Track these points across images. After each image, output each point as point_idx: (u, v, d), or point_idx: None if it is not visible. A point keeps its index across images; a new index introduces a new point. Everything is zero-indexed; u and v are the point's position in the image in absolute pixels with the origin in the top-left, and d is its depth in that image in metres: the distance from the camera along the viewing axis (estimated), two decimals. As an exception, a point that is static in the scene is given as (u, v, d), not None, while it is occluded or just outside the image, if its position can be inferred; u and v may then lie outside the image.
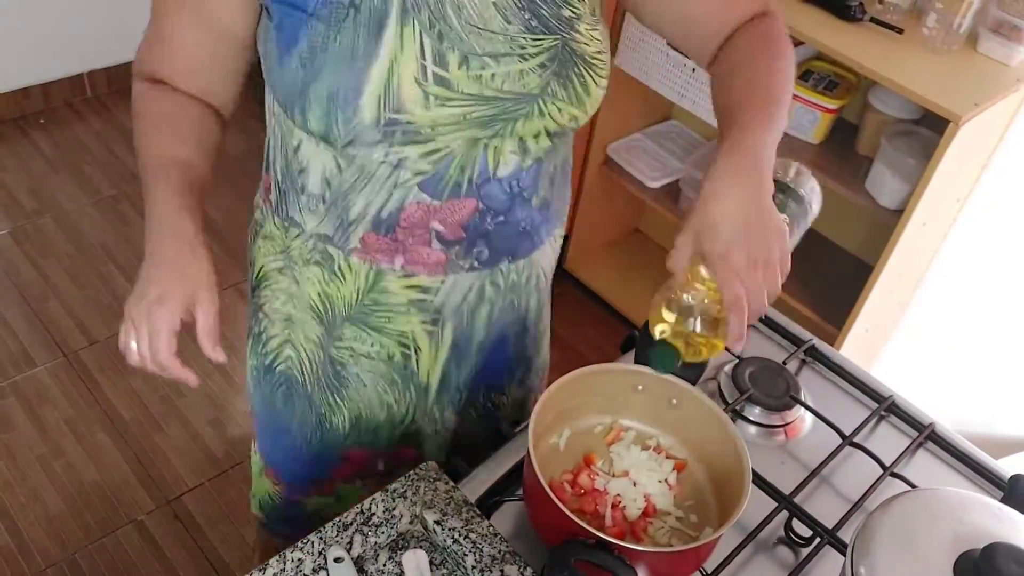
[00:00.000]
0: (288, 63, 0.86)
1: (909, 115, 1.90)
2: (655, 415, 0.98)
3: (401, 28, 0.84)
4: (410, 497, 0.92)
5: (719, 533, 0.83)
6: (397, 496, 0.92)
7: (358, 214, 0.96)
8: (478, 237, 0.98)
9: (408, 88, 0.85)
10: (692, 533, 0.91)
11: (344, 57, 0.84)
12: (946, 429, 1.11)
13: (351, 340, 1.07)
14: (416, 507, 0.92)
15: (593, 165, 2.43)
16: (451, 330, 1.06)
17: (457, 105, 0.87)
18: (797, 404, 1.10)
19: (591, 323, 2.60)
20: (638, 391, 0.96)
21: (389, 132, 0.87)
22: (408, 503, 0.92)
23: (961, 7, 1.74)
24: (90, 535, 1.99)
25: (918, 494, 0.82)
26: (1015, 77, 1.76)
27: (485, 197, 0.95)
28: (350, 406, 1.12)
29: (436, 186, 0.93)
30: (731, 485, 0.89)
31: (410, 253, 0.98)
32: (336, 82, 0.85)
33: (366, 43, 0.84)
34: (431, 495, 0.93)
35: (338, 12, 0.84)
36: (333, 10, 0.84)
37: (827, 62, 2.01)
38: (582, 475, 0.93)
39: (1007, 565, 0.69)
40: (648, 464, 0.95)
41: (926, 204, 1.78)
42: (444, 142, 0.89)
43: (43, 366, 2.31)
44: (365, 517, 0.91)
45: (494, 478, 0.99)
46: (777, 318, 1.23)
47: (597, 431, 0.99)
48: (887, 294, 1.98)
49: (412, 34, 0.84)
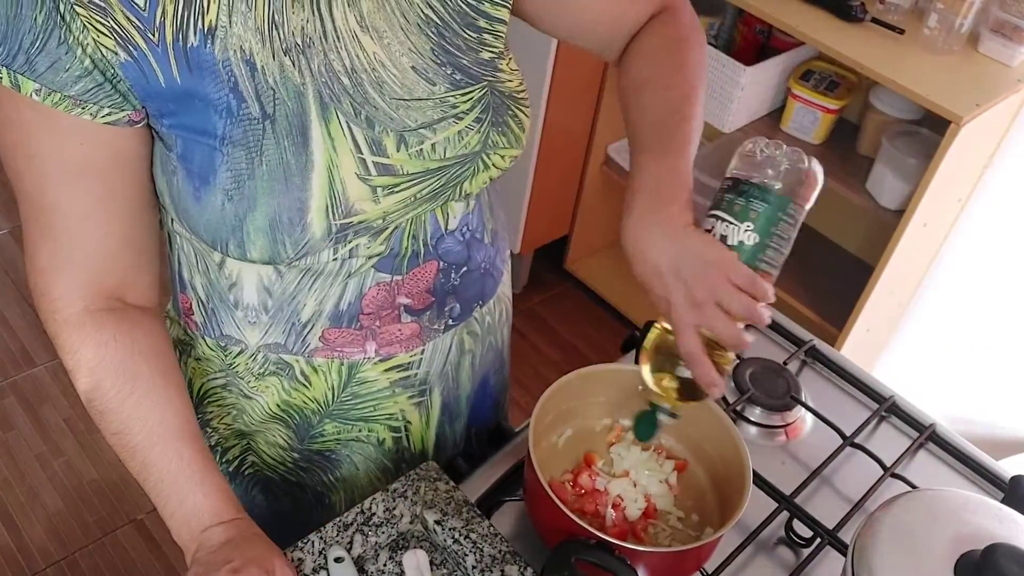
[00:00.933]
0: (208, 200, 0.75)
1: (910, 115, 1.90)
2: None
3: (327, 126, 0.76)
4: (410, 497, 0.92)
5: (720, 533, 0.83)
6: (397, 496, 0.92)
7: (312, 314, 0.88)
8: (446, 296, 0.93)
9: (353, 188, 0.78)
10: (693, 533, 0.91)
11: (277, 178, 0.75)
12: (947, 430, 1.10)
13: (334, 434, 1.00)
14: (416, 507, 0.92)
15: (593, 165, 2.42)
16: (439, 395, 1.02)
17: (405, 188, 0.81)
18: (798, 404, 1.09)
19: (591, 323, 2.60)
20: (639, 391, 0.96)
21: (341, 236, 0.80)
22: (408, 503, 0.92)
23: (962, 8, 1.74)
24: (90, 534, 1.99)
25: (919, 495, 0.82)
26: (1016, 78, 1.76)
27: (444, 255, 0.90)
28: (345, 486, 1.06)
29: (393, 263, 0.87)
30: (732, 485, 0.89)
31: (381, 336, 0.92)
32: (275, 207, 0.75)
33: (295, 155, 0.75)
34: (431, 495, 0.93)
35: (254, 130, 0.74)
36: (247, 128, 0.73)
37: (828, 62, 2.01)
38: (583, 475, 0.93)
39: (1007, 566, 0.69)
40: (648, 464, 0.95)
41: (927, 204, 1.78)
42: (391, 224, 0.84)
43: (43, 365, 2.31)
44: (365, 517, 0.91)
45: (494, 478, 0.99)
46: (777, 318, 1.23)
47: (598, 431, 0.99)
48: (887, 294, 1.98)
49: (340, 129, 0.76)
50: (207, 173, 0.74)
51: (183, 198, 0.76)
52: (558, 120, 2.26)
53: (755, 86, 1.98)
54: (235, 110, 0.73)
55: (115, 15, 0.68)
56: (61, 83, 0.69)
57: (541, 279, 2.70)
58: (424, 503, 0.92)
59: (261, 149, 0.74)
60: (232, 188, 0.74)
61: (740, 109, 2.00)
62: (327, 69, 0.76)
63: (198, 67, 0.72)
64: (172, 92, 0.72)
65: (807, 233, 2.36)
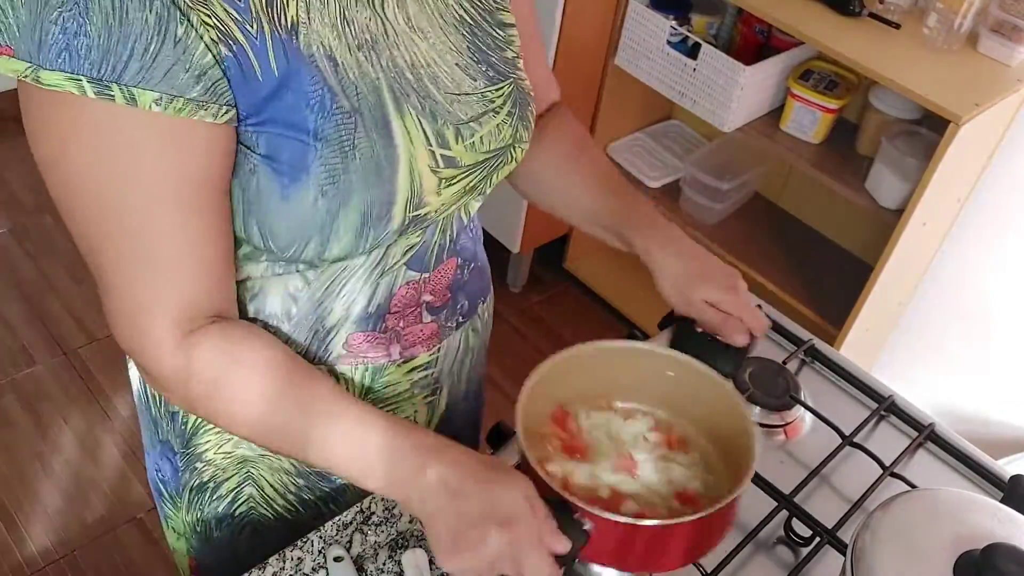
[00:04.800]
0: (299, 197, 0.73)
1: (909, 115, 1.90)
2: (655, 394, 0.95)
3: (403, 120, 0.77)
4: (410, 496, 0.92)
5: (691, 518, 0.77)
6: (397, 495, 0.92)
7: (339, 319, 0.87)
8: (458, 292, 0.95)
9: (428, 180, 0.79)
10: None
11: (370, 171, 0.75)
12: (946, 429, 1.11)
13: None
14: (416, 506, 0.92)
15: (593, 164, 2.42)
16: (446, 393, 1.03)
17: (461, 179, 0.83)
18: (797, 404, 1.10)
19: (590, 322, 2.60)
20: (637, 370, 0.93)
21: (406, 230, 0.81)
22: (408, 502, 0.92)
23: (962, 7, 1.74)
24: (89, 533, 1.99)
25: (918, 494, 0.82)
26: (1015, 77, 1.76)
27: (462, 251, 0.93)
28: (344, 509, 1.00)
29: (423, 259, 0.88)
30: (738, 451, 0.86)
31: (405, 338, 0.92)
32: (368, 201, 0.75)
33: (384, 148, 0.76)
34: (431, 494, 0.92)
35: (346, 124, 0.73)
36: (340, 123, 0.73)
37: (827, 62, 2.01)
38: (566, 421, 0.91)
39: (1007, 566, 0.69)
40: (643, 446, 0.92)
41: (926, 204, 1.78)
42: (440, 218, 0.86)
43: (42, 364, 2.31)
44: (365, 516, 0.91)
45: (494, 477, 0.99)
46: (777, 318, 1.23)
47: None
48: (887, 294, 1.98)
49: (413, 122, 0.78)
50: (298, 171, 0.72)
51: (266, 199, 0.73)
52: (558, 119, 2.26)
53: (754, 86, 1.98)
54: (328, 104, 0.72)
55: (215, 7, 0.66)
56: (183, 86, 0.65)
57: (540, 278, 2.70)
58: (424, 502, 0.92)
59: (354, 143, 0.74)
60: (327, 184, 0.73)
61: (740, 109, 2.00)
62: (393, 65, 0.78)
63: (295, 58, 0.71)
64: (268, 86, 0.70)
65: (807, 233, 2.38)
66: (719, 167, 2.26)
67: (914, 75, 1.72)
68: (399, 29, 0.79)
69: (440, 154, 0.80)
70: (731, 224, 2.32)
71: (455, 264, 0.93)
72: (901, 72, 1.73)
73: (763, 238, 2.28)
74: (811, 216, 2.33)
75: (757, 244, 2.25)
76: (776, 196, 2.38)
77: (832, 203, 2.13)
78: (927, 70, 1.75)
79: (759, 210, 2.37)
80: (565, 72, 2.16)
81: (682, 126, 2.53)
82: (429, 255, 0.89)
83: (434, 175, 0.80)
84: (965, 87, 1.71)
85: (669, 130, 2.52)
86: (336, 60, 0.74)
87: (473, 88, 0.84)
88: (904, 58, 1.77)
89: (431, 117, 0.80)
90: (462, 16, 0.84)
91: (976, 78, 1.75)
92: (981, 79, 1.75)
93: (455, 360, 1.01)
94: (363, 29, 0.76)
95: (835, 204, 2.09)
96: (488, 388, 1.20)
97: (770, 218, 2.35)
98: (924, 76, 1.72)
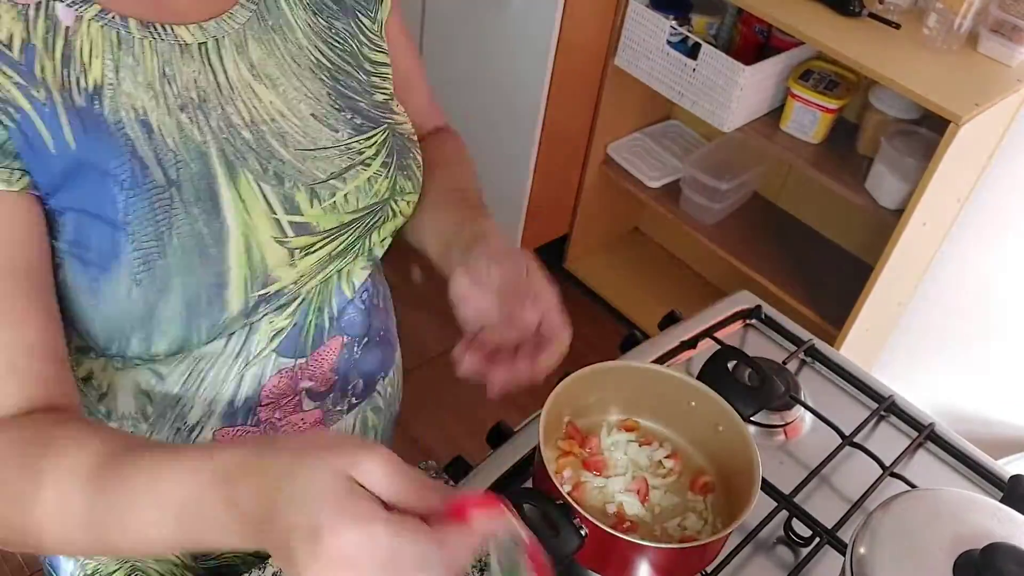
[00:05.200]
0: (110, 291, 0.65)
1: (909, 115, 1.90)
2: (669, 416, 0.97)
3: (236, 187, 0.69)
4: (409, 496, 0.92)
5: (677, 546, 0.83)
6: (396, 495, 0.92)
7: (201, 415, 0.78)
8: (349, 372, 0.85)
9: (272, 254, 0.71)
10: None
11: (191, 252, 0.66)
12: (946, 429, 1.10)
13: None
14: (415, 506, 0.92)
15: (593, 165, 2.42)
16: None
17: (321, 246, 0.74)
18: (797, 404, 1.09)
19: (590, 322, 2.60)
20: (654, 392, 0.96)
21: (253, 312, 0.72)
22: (407, 502, 0.92)
23: (962, 7, 1.74)
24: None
25: (918, 494, 0.82)
26: (1015, 77, 1.76)
27: (347, 327, 0.83)
28: None
29: (296, 344, 0.78)
30: (740, 485, 0.88)
31: (283, 429, 0.83)
32: (193, 287, 0.67)
33: (208, 223, 0.67)
34: (430, 494, 0.92)
35: (161, 200, 0.65)
36: (153, 199, 0.64)
37: (827, 62, 2.01)
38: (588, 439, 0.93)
39: (1007, 565, 0.69)
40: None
41: (926, 204, 1.78)
42: (304, 292, 0.77)
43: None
44: (364, 516, 0.90)
45: (494, 478, 0.99)
46: (776, 317, 1.23)
47: None
48: (887, 294, 1.98)
49: (250, 189, 0.69)
50: (108, 259, 0.64)
51: (75, 294, 0.65)
52: (557, 119, 2.26)
53: (754, 86, 1.98)
54: (139, 178, 0.64)
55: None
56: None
57: (540, 278, 2.70)
58: (423, 502, 0.92)
59: (171, 222, 0.65)
60: (141, 271, 0.65)
61: (739, 109, 2.00)
62: (226, 124, 0.70)
63: (94, 128, 0.63)
64: (65, 160, 0.62)
65: (807, 233, 2.37)
66: (719, 167, 2.26)
67: (914, 75, 1.72)
68: (238, 81, 0.71)
69: (289, 221, 0.72)
70: (730, 224, 2.32)
71: (339, 344, 0.83)
72: (901, 72, 1.73)
73: (763, 238, 2.28)
74: (811, 216, 2.32)
75: (757, 244, 2.25)
76: (776, 196, 2.38)
77: (832, 203, 2.13)
78: (927, 70, 1.75)
79: (759, 210, 2.37)
80: (565, 72, 2.17)
81: (682, 126, 2.53)
82: (304, 338, 0.79)
83: (281, 246, 0.71)
84: (965, 87, 1.71)
85: (669, 130, 2.52)
86: (151, 125, 0.66)
87: (334, 141, 0.75)
88: (904, 58, 1.77)
89: (276, 180, 0.71)
90: (319, 60, 0.76)
91: (976, 78, 1.75)
92: (981, 79, 1.75)
93: None
94: (187, 86, 0.68)
95: (835, 204, 2.09)
96: (487, 388, 1.20)
97: (770, 218, 2.35)
98: (924, 76, 1.72)
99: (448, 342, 0.73)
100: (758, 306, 1.23)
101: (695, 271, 2.62)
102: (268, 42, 0.74)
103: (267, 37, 0.74)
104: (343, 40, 0.79)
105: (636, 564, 0.83)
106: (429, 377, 2.33)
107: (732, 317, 1.22)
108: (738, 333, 1.22)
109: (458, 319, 0.74)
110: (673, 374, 0.95)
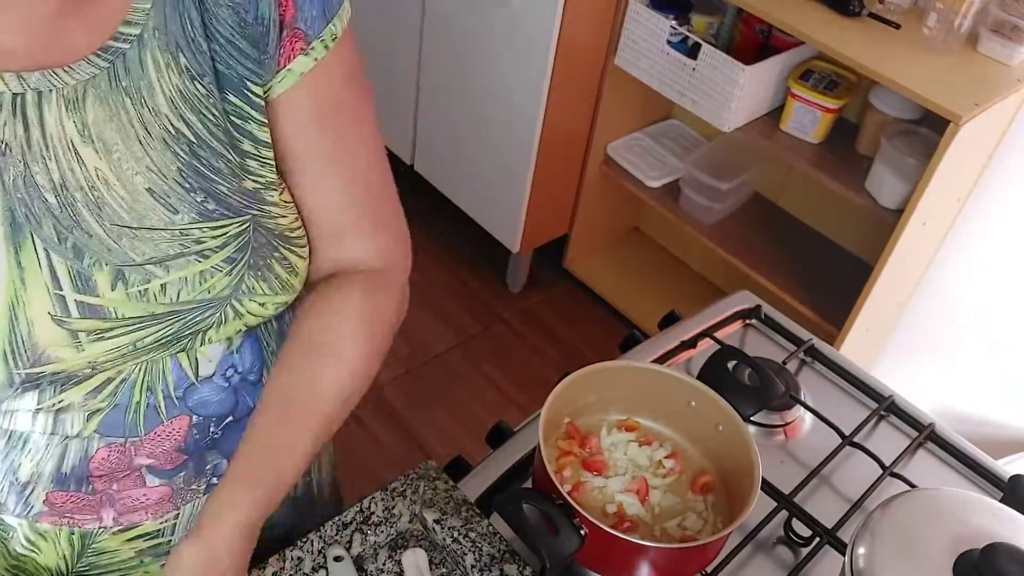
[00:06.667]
0: None
1: (909, 115, 1.90)
2: (668, 415, 0.98)
3: (16, 252, 0.62)
4: (409, 496, 0.92)
5: (676, 546, 0.84)
6: (396, 495, 0.92)
7: (31, 475, 0.74)
8: (206, 451, 0.79)
9: (44, 332, 0.64)
10: None
11: None
12: (946, 429, 1.11)
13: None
14: (416, 506, 0.92)
15: (593, 165, 2.42)
16: None
17: (119, 335, 0.67)
18: (797, 404, 1.10)
19: (590, 322, 2.60)
20: (653, 392, 0.96)
21: (31, 386, 0.67)
22: (407, 502, 0.92)
23: (962, 7, 1.74)
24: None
25: (918, 494, 0.82)
26: (1015, 77, 1.76)
27: (198, 407, 0.75)
28: None
29: (121, 423, 0.72)
30: (740, 485, 0.88)
31: (121, 502, 0.77)
32: None
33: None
34: (430, 494, 0.93)
35: None
36: None
37: (827, 62, 2.01)
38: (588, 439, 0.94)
39: (1007, 565, 0.69)
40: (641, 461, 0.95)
41: (926, 204, 1.78)
42: (113, 373, 0.70)
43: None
44: (364, 516, 0.91)
45: (494, 477, 0.99)
46: (777, 318, 1.23)
47: None
48: (887, 294, 1.99)
49: (34, 257, 0.62)
50: None
51: None
52: (557, 119, 2.26)
53: (754, 85, 1.98)
54: None
55: None
56: None
57: (540, 278, 2.70)
58: (423, 502, 0.92)
59: None
60: None
61: (739, 108, 2.00)
62: (25, 183, 0.62)
63: None
64: None
65: (807, 233, 2.37)
66: (718, 167, 2.26)
67: (914, 75, 1.72)
68: (58, 139, 0.63)
69: (76, 300, 0.64)
70: (730, 224, 2.32)
71: (187, 424, 0.76)
72: (901, 72, 1.73)
73: (763, 238, 2.28)
74: (811, 216, 2.32)
75: (757, 244, 2.25)
76: (776, 196, 2.38)
77: (832, 203, 2.13)
78: (927, 70, 1.75)
79: (759, 210, 2.37)
80: (565, 72, 2.16)
81: (682, 126, 2.53)
82: (131, 417, 0.73)
83: (58, 326, 0.64)
84: (965, 87, 1.71)
85: (669, 130, 2.52)
86: None
87: (166, 223, 0.66)
88: (904, 58, 1.77)
89: (73, 253, 0.64)
90: (179, 131, 0.66)
91: (976, 78, 1.75)
92: (981, 79, 1.75)
93: None
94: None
95: (835, 204, 2.09)
96: (488, 388, 1.20)
97: (770, 218, 2.35)
98: (924, 76, 1.72)
99: (448, 342, 0.73)
100: (758, 306, 1.23)
101: (695, 271, 2.62)
102: (115, 104, 0.64)
103: (115, 98, 0.64)
104: (220, 113, 0.68)
105: (636, 564, 0.83)
106: (429, 377, 2.33)
107: (732, 317, 1.22)
108: (738, 333, 1.22)
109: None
110: (673, 374, 0.96)
